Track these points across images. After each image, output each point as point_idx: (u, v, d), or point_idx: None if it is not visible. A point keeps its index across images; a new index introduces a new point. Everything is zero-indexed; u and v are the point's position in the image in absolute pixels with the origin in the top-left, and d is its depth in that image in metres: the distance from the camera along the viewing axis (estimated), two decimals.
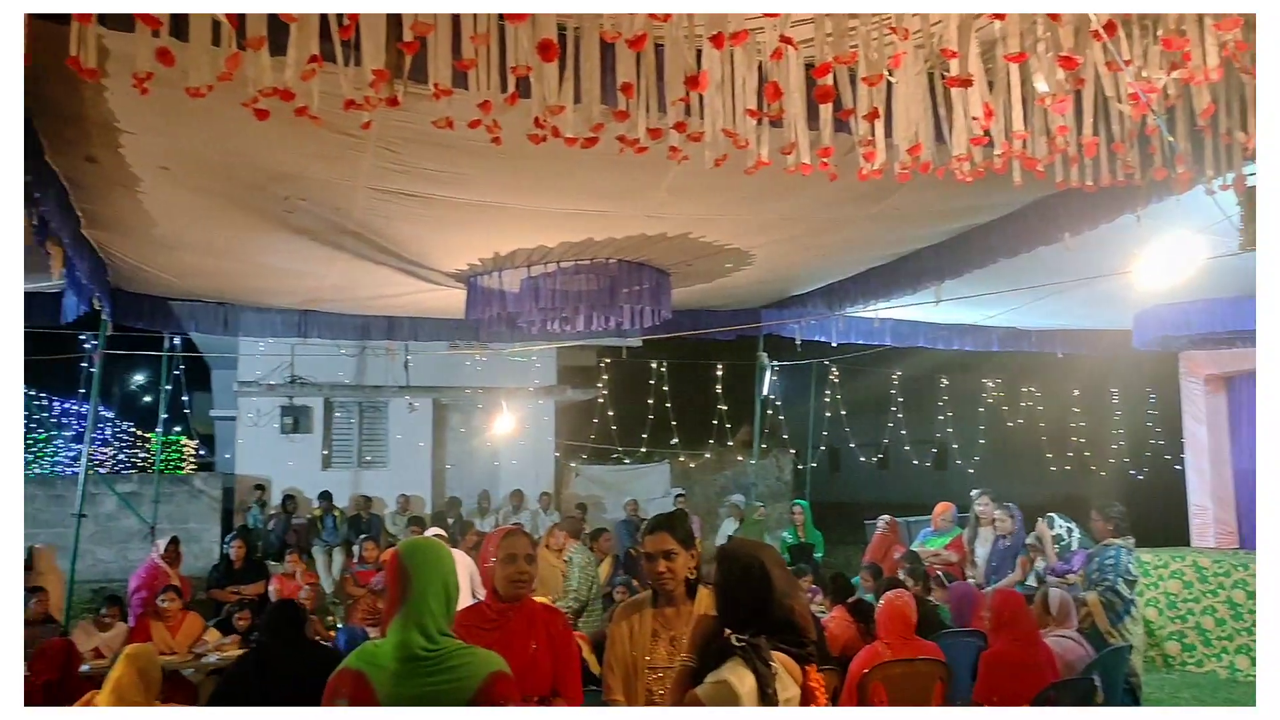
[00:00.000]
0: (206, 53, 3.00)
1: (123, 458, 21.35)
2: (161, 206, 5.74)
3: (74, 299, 7.63)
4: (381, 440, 15.87)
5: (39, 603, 7.28)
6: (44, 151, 4.73)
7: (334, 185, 5.32)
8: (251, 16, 2.94)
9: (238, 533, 9.77)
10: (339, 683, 2.47)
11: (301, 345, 13.34)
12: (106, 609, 7.36)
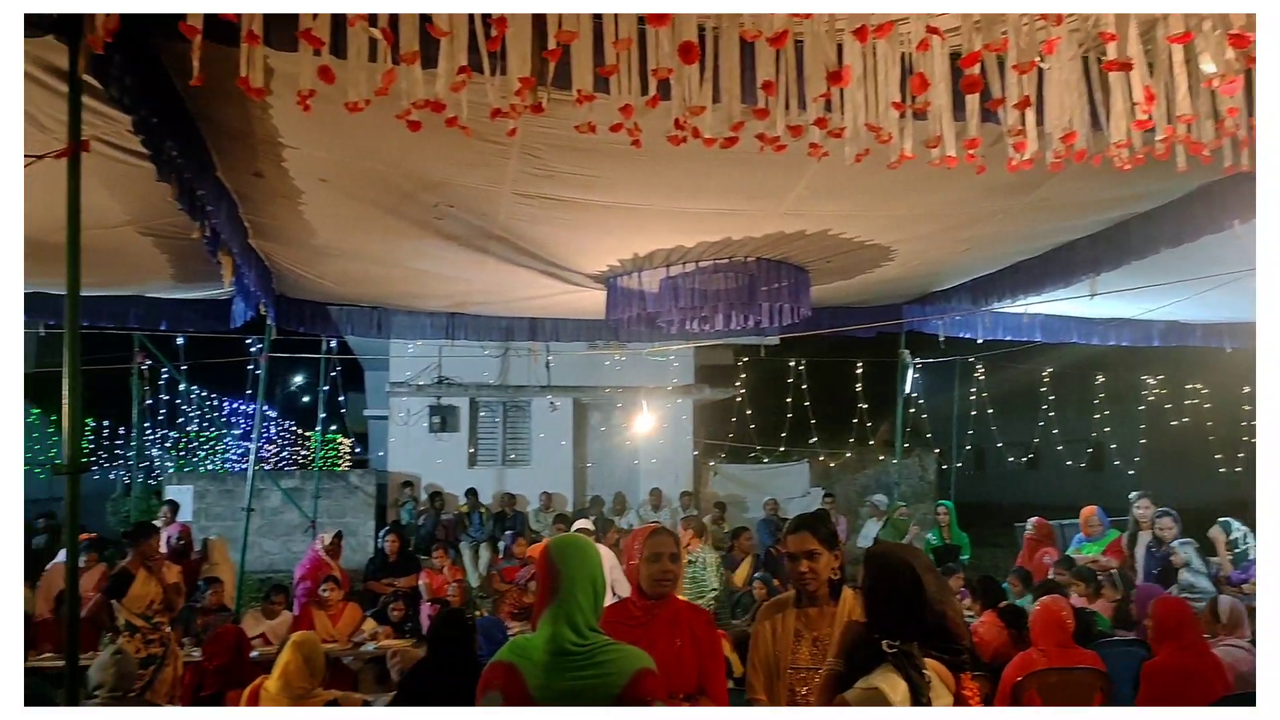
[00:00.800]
0: (364, 69, 3.14)
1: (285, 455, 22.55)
2: (320, 216, 6.04)
3: (242, 305, 8.11)
4: (524, 439, 16.24)
5: (214, 592, 7.76)
6: (215, 168, 5.04)
7: (480, 191, 5.49)
8: (405, 31, 3.06)
9: (391, 527, 10.17)
10: (492, 674, 2.55)
11: (449, 347, 13.81)
12: (273, 598, 7.78)
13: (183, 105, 4.26)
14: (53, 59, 3.65)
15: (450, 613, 4.35)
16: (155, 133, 4.05)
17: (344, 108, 3.26)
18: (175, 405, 17.24)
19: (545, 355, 14.41)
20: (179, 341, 12.99)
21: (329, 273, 7.68)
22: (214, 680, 5.53)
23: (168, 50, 3.80)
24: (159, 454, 18.19)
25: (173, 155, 4.34)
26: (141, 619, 6.17)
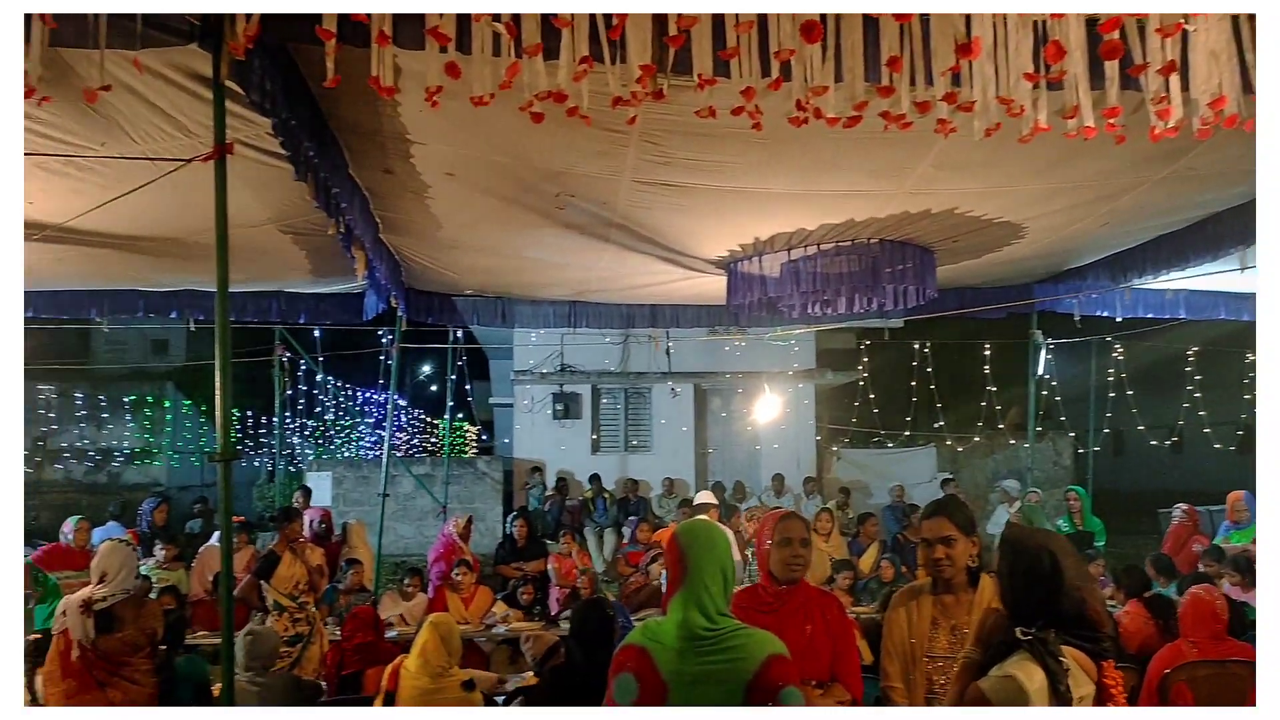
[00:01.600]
0: (488, 63, 3.21)
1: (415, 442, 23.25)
2: (447, 210, 6.19)
3: (374, 298, 8.39)
4: (646, 425, 16.34)
5: (355, 574, 8.08)
6: (348, 166, 5.22)
7: (600, 180, 5.53)
8: (527, 24, 3.11)
9: (519, 513, 10.39)
10: (624, 657, 2.58)
11: (570, 335, 13.99)
12: (408, 581, 8.06)
13: (317, 107, 4.43)
14: (196, 66, 3.84)
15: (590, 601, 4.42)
16: (293, 134, 4.23)
17: (469, 102, 3.33)
18: (313, 395, 17.98)
19: (666, 342, 14.45)
20: (316, 334, 13.53)
21: (455, 265, 7.87)
22: (354, 659, 5.76)
23: (303, 54, 3.95)
24: (299, 442, 19.02)
25: (309, 155, 4.51)
26: (288, 599, 6.48)
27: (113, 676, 4.48)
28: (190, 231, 6.30)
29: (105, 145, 4.52)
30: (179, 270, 7.56)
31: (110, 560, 4.60)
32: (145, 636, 4.59)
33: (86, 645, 4.47)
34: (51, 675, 4.51)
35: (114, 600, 4.52)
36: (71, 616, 4.50)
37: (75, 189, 5.17)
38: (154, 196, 4.96)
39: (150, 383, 23.44)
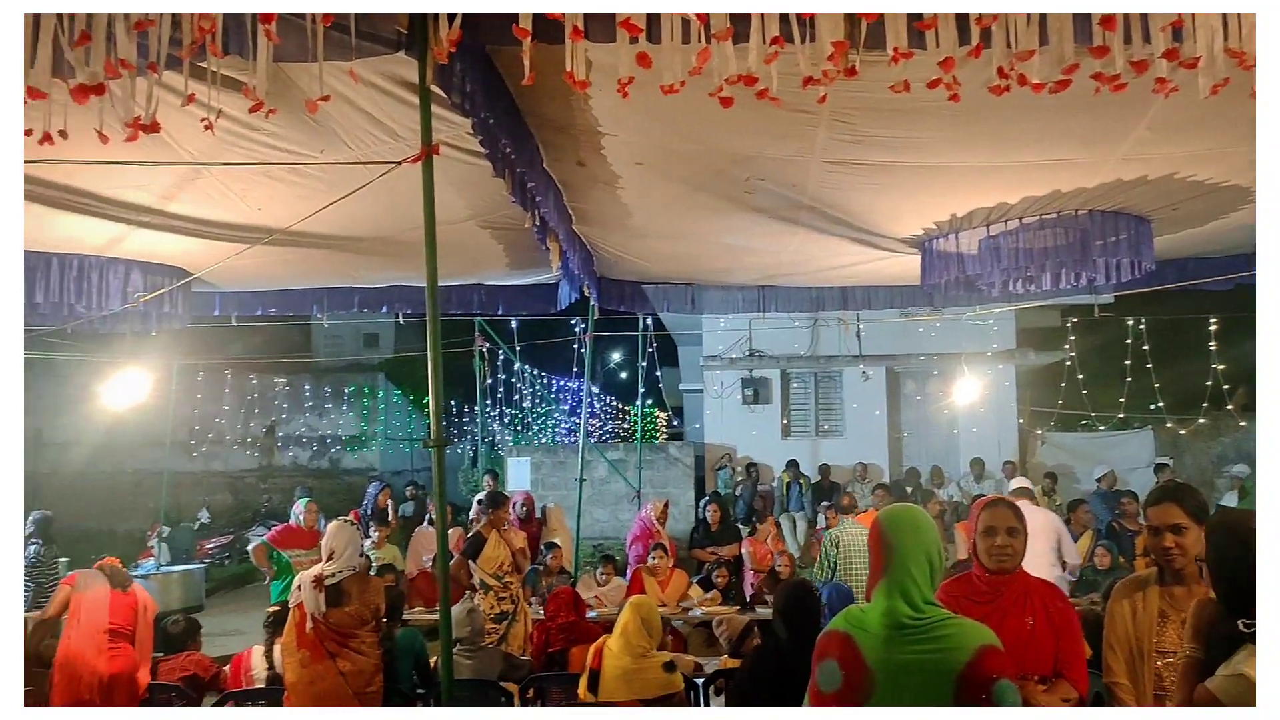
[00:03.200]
0: (678, 51, 3.22)
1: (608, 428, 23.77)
2: (637, 199, 6.28)
3: (567, 288, 8.63)
4: (837, 409, 16.09)
5: (555, 556, 8.36)
6: (542, 160, 5.38)
7: (789, 163, 5.47)
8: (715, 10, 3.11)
9: (711, 497, 10.45)
10: (828, 643, 2.55)
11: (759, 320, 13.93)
12: (602, 569, 8.28)
13: (514, 105, 4.58)
14: (403, 73, 4.05)
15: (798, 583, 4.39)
16: (492, 133, 4.39)
17: (659, 91, 3.36)
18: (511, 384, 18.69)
19: (856, 324, 14.16)
20: (513, 324, 14.04)
21: (645, 253, 7.98)
22: (559, 637, 5.96)
23: (500, 55, 4.10)
24: (499, 429, 19.82)
25: (507, 152, 4.68)
26: (494, 579, 6.78)
27: (342, 648, 4.81)
28: (398, 230, 6.65)
29: (324, 152, 4.84)
30: (389, 267, 8.01)
31: (338, 539, 4.94)
32: (370, 611, 4.91)
33: (319, 618, 4.81)
34: (288, 645, 4.89)
35: (342, 576, 4.85)
36: (305, 591, 4.86)
37: (299, 195, 5.56)
38: (366, 198, 5.27)
39: (364, 374, 25.01)
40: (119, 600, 5.66)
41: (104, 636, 5.50)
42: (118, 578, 5.76)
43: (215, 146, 4.61)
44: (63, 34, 2.96)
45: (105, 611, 5.55)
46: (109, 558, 5.97)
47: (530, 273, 8.57)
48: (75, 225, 6.08)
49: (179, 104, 3.38)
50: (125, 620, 5.61)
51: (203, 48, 3.05)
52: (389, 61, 3.87)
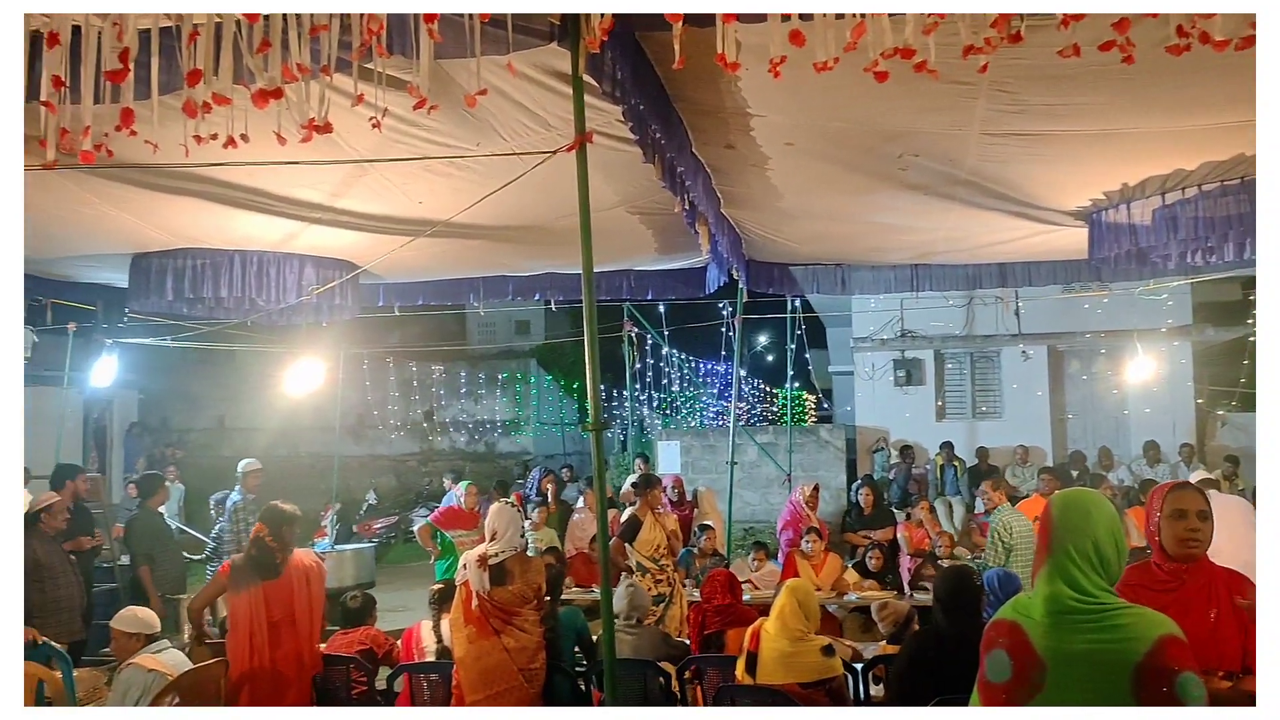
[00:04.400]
0: (831, 27, 3.17)
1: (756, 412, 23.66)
2: (786, 180, 6.22)
3: (715, 271, 8.63)
4: (994, 390, 15.56)
5: (709, 539, 8.39)
6: (691, 144, 5.39)
7: (946, 136, 5.30)
8: None
9: (864, 481, 10.29)
10: (996, 633, 2.49)
11: (912, 299, 13.58)
12: (754, 554, 8.28)
13: (663, 90, 4.60)
14: (555, 64, 4.13)
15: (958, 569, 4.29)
16: (642, 119, 4.43)
17: (811, 70, 3.31)
18: (660, 368, 18.85)
19: (1015, 302, 13.63)
20: (661, 309, 14.15)
21: (795, 234, 7.89)
22: (715, 619, 6.00)
23: (649, 41, 4.12)
24: (648, 413, 20.03)
25: (656, 137, 4.71)
26: (650, 561, 6.88)
27: (506, 625, 4.97)
28: (550, 218, 6.80)
29: (480, 145, 4.99)
30: (541, 255, 8.20)
31: (499, 520, 5.10)
32: (532, 590, 5.06)
33: (483, 596, 4.99)
34: (456, 621, 5.09)
35: (505, 556, 5.02)
36: (471, 570, 5.05)
37: (455, 188, 5.75)
38: (519, 188, 5.39)
39: (516, 360, 25.69)
40: (272, 591, 5.48)
41: (264, 633, 5.40)
42: (266, 565, 5.52)
43: (380, 144, 4.81)
44: (243, 42, 3.15)
45: (261, 607, 5.44)
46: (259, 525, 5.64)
47: (679, 257, 8.61)
48: (254, 223, 6.46)
49: (349, 104, 3.54)
50: (282, 609, 5.47)
51: (369, 49, 3.18)
52: (542, 53, 3.95)
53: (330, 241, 7.08)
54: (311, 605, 5.60)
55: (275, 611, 5.42)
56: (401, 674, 5.59)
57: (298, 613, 5.52)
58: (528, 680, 4.97)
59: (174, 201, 5.94)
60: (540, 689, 5.05)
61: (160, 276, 7.04)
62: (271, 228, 6.63)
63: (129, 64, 3.09)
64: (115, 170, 4.92)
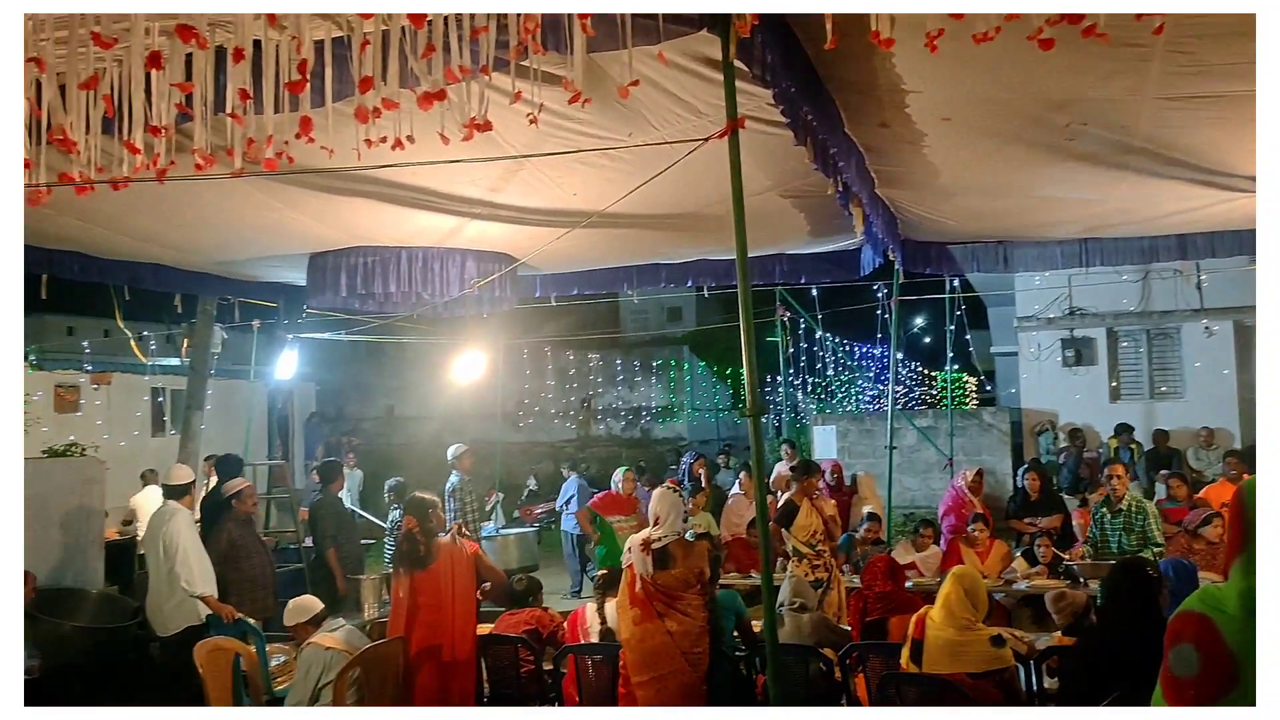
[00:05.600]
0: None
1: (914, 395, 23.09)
2: (944, 156, 6.03)
3: (870, 253, 8.45)
4: (1174, 369, 14.68)
5: (871, 528, 8.21)
6: (844, 125, 5.30)
7: (1117, 103, 5.03)
8: None
9: (1030, 465, 9.89)
10: (1182, 626, 2.36)
11: (1081, 275, 12.95)
12: (922, 531, 8.07)
13: (814, 71, 4.54)
14: (704, 51, 4.13)
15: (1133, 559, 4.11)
16: (793, 101, 4.38)
17: (969, 42, 3.21)
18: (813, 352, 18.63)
19: (1197, 275, 12.81)
20: (813, 293, 13.97)
21: (953, 212, 7.65)
22: (876, 606, 5.91)
23: (799, 22, 4.08)
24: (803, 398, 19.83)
25: (808, 119, 4.65)
26: (807, 546, 6.83)
27: (669, 608, 5.05)
28: (702, 205, 6.81)
29: (632, 135, 5.05)
30: (693, 242, 8.23)
31: (662, 505, 5.19)
32: (694, 574, 5.12)
33: (647, 579, 5.09)
34: (621, 604, 5.21)
35: (667, 540, 5.09)
36: (635, 554, 5.15)
37: (608, 179, 5.84)
38: (671, 176, 5.43)
39: (669, 347, 25.88)
40: (423, 581, 5.63)
41: (419, 614, 5.58)
42: (414, 557, 5.65)
43: (535, 139, 4.94)
44: (408, 47, 3.29)
45: (414, 596, 5.61)
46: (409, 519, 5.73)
47: (832, 240, 8.48)
48: (420, 220, 6.75)
49: (507, 102, 3.65)
50: (433, 596, 5.61)
51: (526, 47, 3.27)
52: (692, 41, 3.96)
53: (490, 235, 7.32)
54: (456, 589, 5.66)
55: (427, 599, 5.57)
56: (567, 655, 5.76)
57: (447, 598, 5.62)
58: (691, 664, 5.03)
59: (347, 202, 6.27)
60: (704, 673, 5.11)
61: (335, 274, 7.44)
62: (435, 224, 6.89)
63: (306, 75, 3.28)
64: (294, 175, 5.22)
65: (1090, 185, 6.70)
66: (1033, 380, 15.33)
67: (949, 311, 13.70)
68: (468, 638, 5.74)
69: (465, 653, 5.70)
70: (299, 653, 5.57)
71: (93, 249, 7.57)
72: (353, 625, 5.96)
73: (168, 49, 3.27)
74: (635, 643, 5.07)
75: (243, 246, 7.73)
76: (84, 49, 3.12)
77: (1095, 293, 14.35)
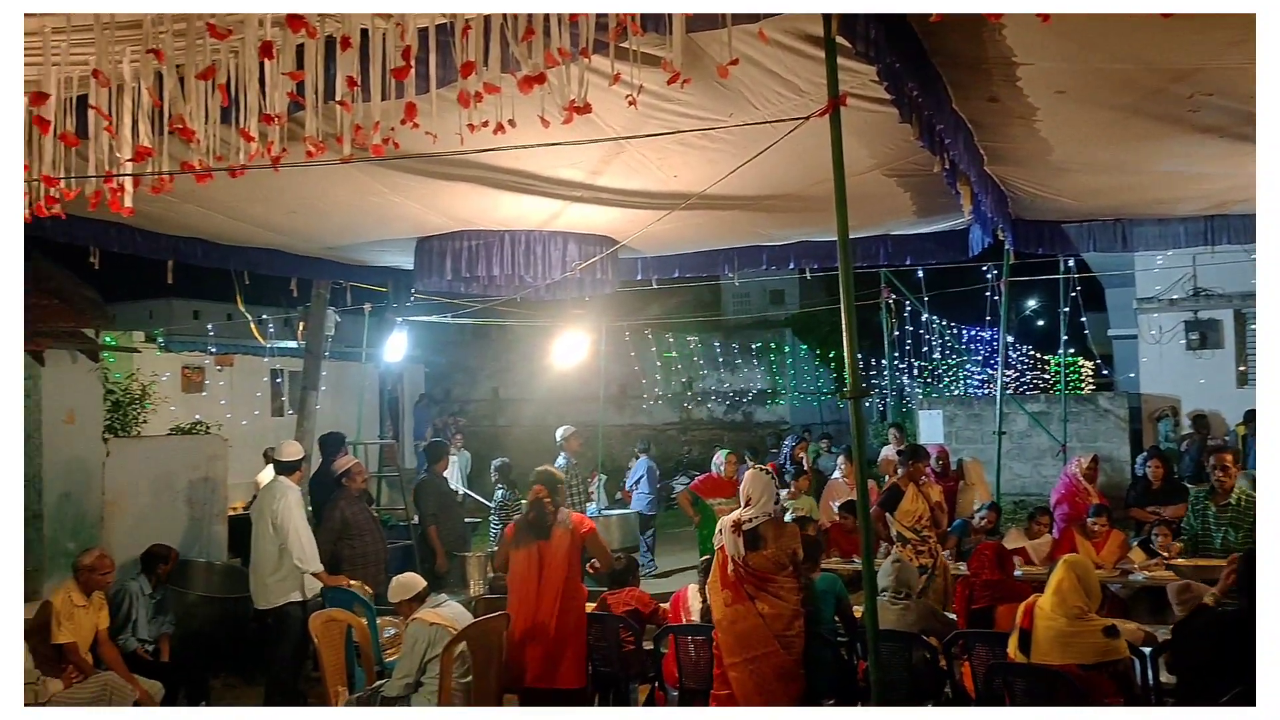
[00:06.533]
0: None
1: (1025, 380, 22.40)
2: (1057, 131, 5.81)
3: (979, 233, 8.21)
4: None
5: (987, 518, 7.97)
6: (951, 100, 5.14)
7: (1244, 72, 4.75)
8: None
9: (1151, 452, 9.51)
10: None
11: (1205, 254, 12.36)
12: (1038, 518, 7.84)
13: (920, 45, 4.42)
14: (805, 28, 4.06)
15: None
16: (898, 77, 4.27)
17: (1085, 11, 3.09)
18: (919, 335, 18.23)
19: None
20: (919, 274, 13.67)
21: (1067, 189, 7.37)
22: (984, 594, 5.77)
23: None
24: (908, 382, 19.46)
25: (914, 95, 4.53)
26: (911, 532, 6.71)
27: (760, 590, 5.04)
28: (803, 185, 6.72)
29: (732, 115, 5.00)
30: (795, 223, 8.13)
31: (754, 486, 5.17)
32: (786, 555, 5.09)
33: (738, 561, 5.08)
34: (713, 585, 5.22)
35: (759, 522, 5.07)
36: (725, 534, 5.14)
37: (709, 160, 5.81)
38: (772, 156, 5.37)
39: (771, 330, 25.70)
40: (545, 550, 5.82)
41: (535, 585, 5.78)
42: (539, 527, 5.86)
43: (635, 120, 4.94)
44: (509, 32, 3.33)
45: (536, 563, 5.82)
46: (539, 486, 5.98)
47: (938, 220, 8.27)
48: (522, 204, 6.83)
49: (606, 84, 3.66)
50: (549, 568, 5.78)
51: (625, 28, 3.28)
52: (793, 18, 3.90)
53: (591, 219, 7.36)
54: (569, 563, 5.85)
55: (546, 569, 5.77)
56: (668, 635, 5.79)
57: (561, 571, 5.82)
58: (784, 646, 5.01)
59: (451, 187, 6.39)
60: (799, 655, 5.08)
61: (440, 258, 7.60)
62: (537, 207, 6.97)
63: (411, 61, 3.35)
64: (400, 161, 5.34)
65: (1215, 159, 6.38)
66: (1153, 364, 14.71)
67: (1063, 293, 13.24)
68: (577, 612, 5.88)
69: (574, 627, 5.84)
70: (406, 628, 5.74)
71: (214, 235, 7.89)
72: (458, 601, 6.12)
73: (280, 39, 3.38)
74: (727, 624, 5.07)
75: (353, 232, 7.96)
76: (200, 40, 3.25)
77: (1221, 272, 13.67)
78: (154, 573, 6.91)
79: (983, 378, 21.69)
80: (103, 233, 7.03)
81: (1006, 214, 7.94)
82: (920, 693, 5.21)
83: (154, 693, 6.21)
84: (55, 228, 6.34)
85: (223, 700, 7.15)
